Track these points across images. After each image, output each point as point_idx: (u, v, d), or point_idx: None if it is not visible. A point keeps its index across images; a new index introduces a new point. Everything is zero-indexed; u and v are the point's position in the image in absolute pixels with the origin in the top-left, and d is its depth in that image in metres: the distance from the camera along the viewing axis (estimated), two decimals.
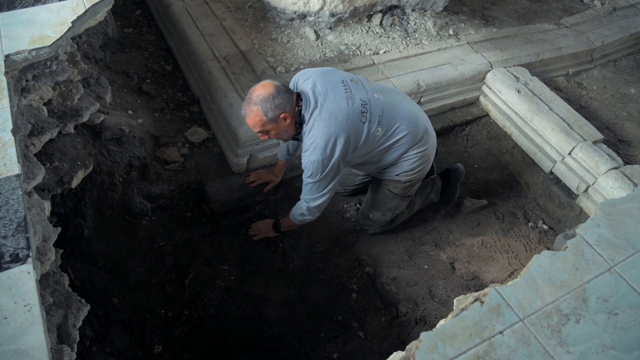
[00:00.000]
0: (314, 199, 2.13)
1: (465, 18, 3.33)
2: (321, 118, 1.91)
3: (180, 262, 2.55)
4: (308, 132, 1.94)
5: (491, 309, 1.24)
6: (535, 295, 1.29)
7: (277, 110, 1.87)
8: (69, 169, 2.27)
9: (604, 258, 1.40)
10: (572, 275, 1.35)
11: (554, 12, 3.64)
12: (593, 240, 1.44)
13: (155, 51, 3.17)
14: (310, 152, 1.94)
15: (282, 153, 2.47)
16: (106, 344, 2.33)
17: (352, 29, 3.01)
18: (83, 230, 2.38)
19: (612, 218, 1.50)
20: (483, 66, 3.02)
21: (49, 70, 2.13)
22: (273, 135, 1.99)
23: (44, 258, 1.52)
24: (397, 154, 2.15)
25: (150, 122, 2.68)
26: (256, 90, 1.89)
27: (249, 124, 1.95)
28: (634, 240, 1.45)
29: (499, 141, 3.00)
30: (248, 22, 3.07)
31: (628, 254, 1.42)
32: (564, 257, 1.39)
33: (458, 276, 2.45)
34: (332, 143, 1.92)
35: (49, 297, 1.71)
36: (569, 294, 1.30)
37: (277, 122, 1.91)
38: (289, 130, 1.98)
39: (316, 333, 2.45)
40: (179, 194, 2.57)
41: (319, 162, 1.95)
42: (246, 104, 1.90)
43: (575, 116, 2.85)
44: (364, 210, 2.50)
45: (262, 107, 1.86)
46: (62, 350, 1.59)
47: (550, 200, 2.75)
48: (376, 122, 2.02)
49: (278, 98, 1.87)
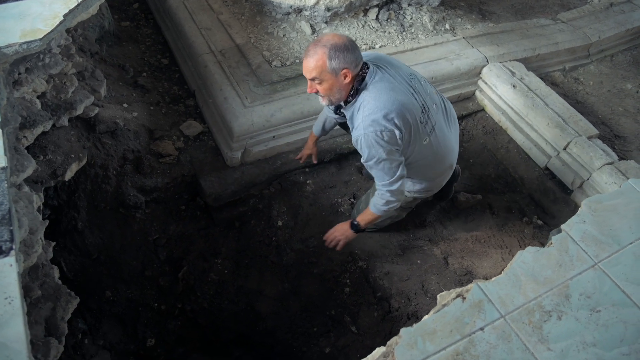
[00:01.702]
0: (392, 181, 1.92)
1: (462, 13, 3.31)
2: (384, 88, 1.80)
3: (174, 255, 2.57)
4: (365, 102, 1.80)
5: (473, 305, 1.25)
6: (518, 291, 1.30)
7: (342, 63, 1.73)
8: (63, 162, 2.28)
9: (588, 254, 1.40)
10: (555, 271, 1.35)
11: (551, 7, 3.62)
12: (578, 236, 1.44)
13: (152, 45, 3.17)
14: (368, 123, 1.79)
15: (318, 127, 2.38)
16: (99, 336, 2.36)
17: (348, 24, 2.99)
18: (77, 223, 2.40)
19: (597, 214, 1.50)
20: (479, 61, 3.01)
21: (41, 63, 2.13)
22: (323, 90, 1.82)
23: (30, 250, 1.53)
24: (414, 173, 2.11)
25: (145, 115, 2.68)
26: (329, 35, 1.76)
27: (307, 66, 1.76)
28: (619, 237, 1.45)
29: (495, 136, 2.99)
30: (245, 16, 3.06)
31: (613, 251, 1.42)
32: (548, 253, 1.39)
33: (451, 271, 2.45)
34: (391, 114, 1.78)
35: (37, 289, 1.73)
36: (552, 291, 1.31)
37: (337, 76, 1.76)
38: (342, 91, 1.82)
39: (309, 327, 2.46)
40: (173, 188, 2.58)
41: (377, 132, 1.78)
42: (313, 45, 1.74)
43: (570, 111, 2.84)
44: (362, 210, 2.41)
45: (330, 52, 1.71)
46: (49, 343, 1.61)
47: (545, 195, 2.75)
48: (429, 130, 1.97)
49: (349, 52, 1.73)
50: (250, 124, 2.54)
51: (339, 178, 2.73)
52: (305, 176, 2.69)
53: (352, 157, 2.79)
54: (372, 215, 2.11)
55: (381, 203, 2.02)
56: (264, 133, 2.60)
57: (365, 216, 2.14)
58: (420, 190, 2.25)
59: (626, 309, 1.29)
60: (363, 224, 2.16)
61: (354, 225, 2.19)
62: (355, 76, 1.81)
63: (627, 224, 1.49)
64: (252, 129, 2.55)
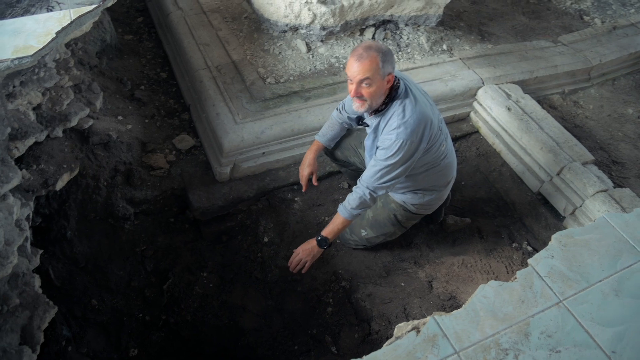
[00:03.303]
0: (380, 187, 1.97)
1: (462, 33, 3.31)
2: (416, 101, 1.89)
3: (160, 267, 2.60)
4: (400, 110, 1.86)
5: (427, 339, 1.24)
6: (475, 327, 1.28)
7: (389, 68, 1.80)
8: (55, 172, 2.33)
9: (553, 291, 1.38)
10: (517, 307, 1.33)
11: (553, 29, 3.59)
12: (544, 271, 1.42)
13: (153, 58, 3.23)
14: (402, 130, 1.84)
15: (327, 135, 2.33)
16: (82, 344, 2.39)
17: (344, 42, 3.02)
18: (66, 232, 2.45)
19: (567, 249, 1.48)
20: (474, 82, 3.00)
21: (36, 77, 2.19)
22: (369, 94, 1.83)
23: (5, 261, 1.57)
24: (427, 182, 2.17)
25: (139, 128, 2.73)
26: (373, 41, 1.85)
27: (360, 67, 1.77)
28: (588, 274, 1.43)
29: (488, 158, 2.97)
30: (243, 33, 3.11)
31: (580, 288, 1.40)
32: (511, 288, 1.38)
33: (435, 295, 2.43)
34: (422, 128, 1.87)
35: (16, 298, 1.77)
36: (511, 328, 1.29)
37: (383, 80, 1.81)
38: (382, 96, 1.87)
39: (290, 345, 2.45)
40: (162, 200, 2.62)
41: (405, 142, 1.85)
42: (364, 48, 1.78)
43: (565, 136, 2.81)
44: (355, 225, 2.41)
45: (382, 56, 1.77)
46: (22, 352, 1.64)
47: (537, 221, 2.71)
48: (444, 137, 2.07)
49: (393, 59, 1.82)
50: (240, 140, 2.57)
51: (327, 196, 2.74)
52: (294, 193, 2.71)
53: (342, 175, 2.79)
54: (342, 222, 2.08)
55: (355, 205, 2.01)
56: (253, 149, 2.63)
57: (334, 226, 2.10)
58: (426, 204, 2.26)
59: (588, 350, 1.27)
60: (331, 236, 2.12)
61: (320, 241, 2.14)
62: (393, 84, 1.88)
63: (598, 261, 1.47)
64: (242, 145, 2.58)
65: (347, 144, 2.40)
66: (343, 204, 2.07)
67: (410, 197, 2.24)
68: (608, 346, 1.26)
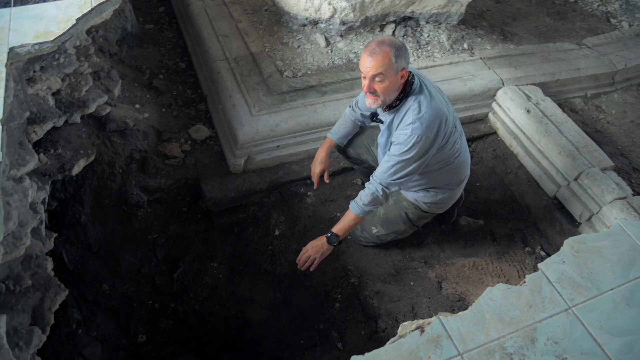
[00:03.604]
0: (393, 183, 1.94)
1: (483, 33, 3.25)
2: (431, 97, 1.87)
3: (171, 255, 2.63)
4: (415, 106, 1.84)
5: (430, 339, 1.23)
6: (481, 329, 1.26)
7: (403, 63, 1.78)
8: (71, 157, 2.37)
9: (562, 297, 1.35)
10: (524, 312, 1.31)
11: (578, 31, 3.50)
12: (554, 277, 1.39)
13: (172, 48, 3.26)
14: (417, 126, 1.82)
15: (340, 133, 2.31)
16: (92, 328, 2.43)
17: (364, 38, 2.99)
18: (80, 217, 2.49)
19: (579, 255, 1.45)
20: (494, 83, 2.95)
21: (56, 63, 2.22)
22: (382, 89, 1.81)
23: (18, 242, 1.60)
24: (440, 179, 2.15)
25: (156, 117, 2.76)
26: (385, 37, 1.81)
27: (373, 62, 1.75)
28: (600, 282, 1.40)
29: (505, 160, 2.92)
30: (262, 25, 3.11)
31: (590, 296, 1.37)
32: (519, 292, 1.35)
33: (444, 296, 2.41)
34: (437, 124, 1.85)
35: (28, 279, 1.80)
36: (517, 332, 1.27)
37: (397, 75, 1.79)
38: (396, 91, 1.85)
39: (296, 339, 2.46)
40: (176, 189, 2.64)
41: (420, 137, 1.83)
42: (377, 43, 1.76)
43: (585, 140, 2.75)
44: (367, 222, 2.39)
45: (395, 51, 1.75)
46: (32, 332, 1.67)
47: (551, 226, 2.66)
48: (459, 135, 2.06)
49: (407, 53, 1.80)
50: (255, 132, 2.57)
51: (340, 192, 2.73)
52: (306, 188, 2.70)
53: (354, 172, 2.78)
54: (354, 219, 2.05)
55: (367, 201, 1.98)
56: (268, 142, 2.63)
57: (345, 223, 2.08)
58: (439, 202, 2.24)
59: (595, 359, 1.24)
60: (341, 233, 2.10)
61: (330, 238, 2.12)
62: (407, 80, 1.86)
63: (610, 269, 1.43)
64: (257, 138, 2.59)
65: (360, 142, 2.39)
66: (355, 200, 2.04)
67: (423, 195, 2.22)
68: (616, 356, 1.23)
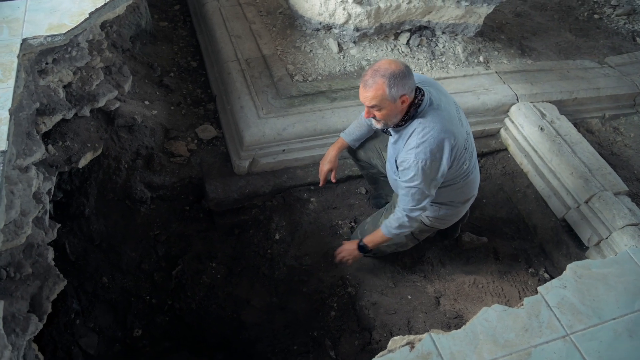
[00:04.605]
0: (415, 209, 1.96)
1: (501, 46, 3.21)
2: (438, 117, 1.84)
3: (171, 252, 2.62)
4: (420, 129, 1.83)
5: (420, 356, 1.19)
6: (473, 350, 1.23)
7: (401, 91, 1.76)
8: (79, 150, 2.38)
9: (561, 323, 1.31)
10: (519, 335, 1.27)
11: (600, 49, 3.43)
12: (554, 301, 1.35)
13: (185, 46, 3.27)
14: (421, 150, 1.82)
15: (354, 135, 2.29)
16: (90, 319, 2.44)
17: (377, 46, 2.97)
18: (84, 209, 2.50)
19: (582, 281, 1.40)
20: (508, 98, 2.90)
21: (68, 56, 2.24)
22: (381, 116, 1.83)
23: (19, 231, 1.61)
24: (444, 196, 2.11)
25: (164, 114, 2.77)
26: (385, 63, 1.78)
27: (366, 95, 1.78)
28: (602, 310, 1.35)
29: (514, 178, 2.86)
30: (276, 28, 3.10)
31: (591, 324, 1.32)
32: (515, 314, 1.31)
33: (441, 312, 2.36)
34: (442, 147, 1.84)
35: (28, 267, 1.80)
36: (511, 356, 1.23)
37: (395, 103, 1.78)
38: (398, 115, 1.84)
39: (290, 344, 2.44)
40: (179, 187, 2.64)
41: (425, 162, 1.83)
42: (371, 74, 1.77)
43: (599, 162, 2.68)
44: (368, 232, 2.32)
45: (390, 81, 1.73)
46: (29, 319, 1.68)
47: (557, 248, 2.59)
48: (469, 156, 2.01)
49: (406, 79, 1.76)
50: (261, 135, 2.56)
51: (343, 200, 2.70)
52: (310, 194, 2.68)
53: (360, 180, 2.75)
54: (382, 238, 2.13)
55: (394, 225, 2.04)
56: (274, 146, 2.62)
57: (374, 238, 2.16)
58: (441, 218, 2.21)
59: None
60: (370, 245, 2.18)
61: (360, 247, 2.21)
62: (411, 99, 1.83)
63: (614, 297, 1.38)
64: (263, 140, 2.58)
65: (372, 146, 2.36)
66: (385, 222, 2.10)
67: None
68: None
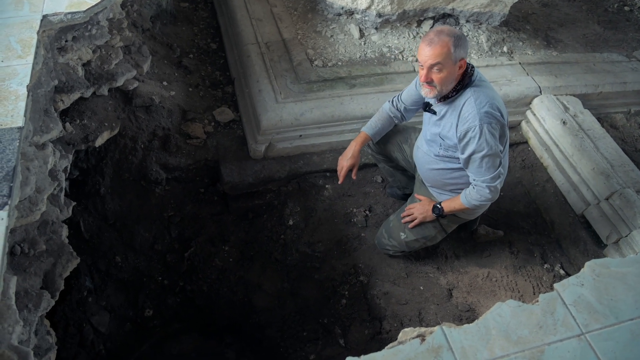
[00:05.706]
0: (494, 177, 1.90)
1: (526, 37, 3.12)
2: (489, 88, 1.86)
3: (185, 234, 2.64)
4: (475, 97, 1.81)
5: (430, 349, 1.17)
6: (485, 345, 1.20)
7: (462, 53, 1.76)
8: (96, 128, 2.39)
9: (576, 321, 1.28)
10: (533, 332, 1.24)
11: (629, 42, 3.32)
12: (570, 299, 1.32)
13: (205, 28, 3.25)
14: (484, 114, 1.79)
15: (374, 128, 2.23)
16: (102, 297, 2.48)
17: (399, 33, 2.91)
18: (100, 188, 2.52)
19: (600, 280, 1.36)
20: (531, 90, 2.82)
21: (88, 34, 2.24)
22: (439, 79, 1.78)
23: (34, 207, 1.62)
24: None
25: (182, 95, 2.77)
26: (444, 27, 1.79)
27: (432, 52, 1.73)
28: (620, 310, 1.31)
29: (533, 172, 2.80)
30: (297, 12, 3.06)
31: (607, 323, 1.28)
32: (530, 310, 1.28)
33: (453, 304, 2.34)
34: (501, 110, 1.83)
35: (42, 244, 1.83)
36: (523, 353, 1.20)
37: (455, 65, 1.76)
38: (453, 82, 1.82)
39: (299, 331, 2.45)
40: (195, 170, 2.65)
41: (492, 123, 1.79)
42: (436, 33, 1.74)
43: (622, 159, 2.61)
44: (394, 228, 2.27)
45: (455, 41, 1.72)
46: (42, 295, 1.70)
47: (575, 244, 2.54)
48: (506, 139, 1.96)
49: (467, 43, 1.78)
50: (278, 120, 2.54)
51: (359, 188, 2.68)
52: (325, 180, 2.67)
53: (376, 169, 2.72)
54: (461, 206, 2.04)
55: (476, 197, 1.97)
56: (291, 131, 2.60)
57: (453, 204, 2.07)
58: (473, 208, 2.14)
59: None
60: (447, 210, 2.10)
61: (436, 208, 2.11)
62: (465, 70, 1.82)
63: (633, 298, 1.34)
64: (280, 125, 2.56)
65: (393, 139, 2.32)
66: (465, 192, 2.01)
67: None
68: None
